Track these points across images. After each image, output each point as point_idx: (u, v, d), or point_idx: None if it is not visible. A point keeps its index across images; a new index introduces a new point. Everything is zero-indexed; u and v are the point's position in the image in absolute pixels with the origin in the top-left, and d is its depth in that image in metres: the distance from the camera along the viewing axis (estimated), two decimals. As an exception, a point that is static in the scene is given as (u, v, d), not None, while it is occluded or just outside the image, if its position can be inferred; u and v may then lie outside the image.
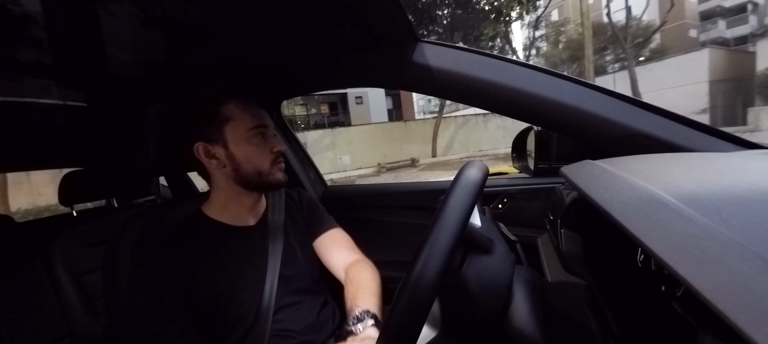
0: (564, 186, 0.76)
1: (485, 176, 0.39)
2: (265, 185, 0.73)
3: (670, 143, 0.55)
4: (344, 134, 12.57)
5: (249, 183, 0.71)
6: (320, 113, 16.50)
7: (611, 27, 14.70)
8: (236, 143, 0.69)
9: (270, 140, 0.73)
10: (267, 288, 0.68)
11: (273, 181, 0.73)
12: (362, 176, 11.01)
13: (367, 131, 12.85)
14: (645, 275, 0.37)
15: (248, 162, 0.70)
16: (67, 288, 0.92)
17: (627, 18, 15.23)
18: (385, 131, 13.11)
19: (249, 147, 0.70)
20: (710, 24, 19.94)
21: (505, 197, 0.98)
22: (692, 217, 0.25)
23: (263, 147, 0.72)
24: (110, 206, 1.38)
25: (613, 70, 17.01)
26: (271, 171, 0.72)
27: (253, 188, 0.73)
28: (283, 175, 0.74)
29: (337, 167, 11.97)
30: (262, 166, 0.71)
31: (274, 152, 0.73)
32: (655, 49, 17.40)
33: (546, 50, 20.80)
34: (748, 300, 0.19)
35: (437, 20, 12.24)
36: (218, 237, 0.69)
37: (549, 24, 21.07)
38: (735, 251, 0.21)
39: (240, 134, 0.69)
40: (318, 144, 12.06)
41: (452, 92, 0.69)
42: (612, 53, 18.56)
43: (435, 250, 0.33)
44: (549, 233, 0.78)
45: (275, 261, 0.71)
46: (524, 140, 1.01)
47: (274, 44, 0.78)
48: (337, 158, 12.11)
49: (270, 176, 0.72)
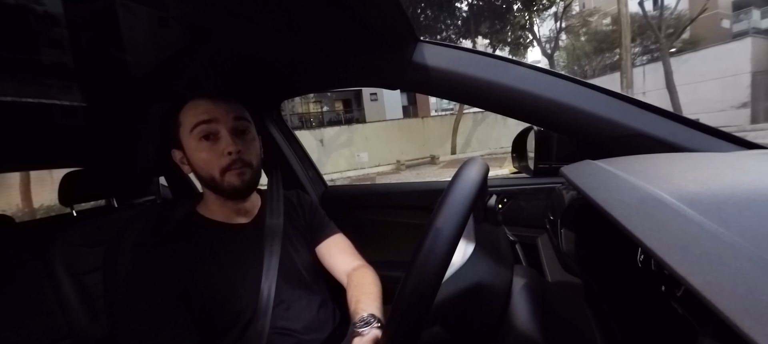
0: (564, 186, 0.76)
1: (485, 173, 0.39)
2: (221, 192, 0.68)
3: (670, 143, 0.55)
4: (361, 130, 12.41)
5: (210, 188, 0.68)
6: (334, 109, 16.35)
7: (644, 16, 13.38)
8: (188, 148, 0.66)
9: (221, 141, 0.65)
10: (265, 287, 0.68)
11: (227, 188, 0.66)
12: (381, 173, 10.84)
13: (384, 128, 12.67)
14: (645, 275, 0.37)
15: (200, 168, 0.66)
16: (67, 288, 0.92)
17: (660, 7, 14.24)
18: (402, 127, 12.91)
19: (198, 152, 0.65)
20: (743, 14, 18.33)
21: (505, 197, 0.98)
22: (692, 217, 0.25)
23: (211, 151, 0.65)
24: (110, 206, 1.38)
25: (641, 62, 15.77)
26: (223, 178, 0.66)
27: (216, 193, 0.69)
28: (239, 181, 0.66)
29: (354, 165, 11.82)
30: (212, 172, 0.66)
31: (225, 155, 0.65)
32: (688, 40, 15.74)
33: (570, 43, 19.61)
34: (748, 300, 0.19)
35: (457, 13, 11.94)
36: (213, 236, 0.69)
37: (575, 14, 20.01)
38: (735, 251, 0.21)
39: (187, 138, 0.66)
40: (334, 141, 11.93)
41: (452, 92, 0.69)
42: (640, 45, 17.09)
43: (438, 241, 0.33)
44: (549, 233, 0.78)
45: (273, 260, 0.71)
46: (524, 140, 1.01)
47: (274, 44, 0.78)
48: (355, 155, 11.95)
49: (224, 182, 0.66)
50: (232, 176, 0.66)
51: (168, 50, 0.85)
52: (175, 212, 0.78)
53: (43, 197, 8.02)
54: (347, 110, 16.36)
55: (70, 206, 1.18)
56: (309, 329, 0.72)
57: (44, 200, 8.02)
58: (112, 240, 0.81)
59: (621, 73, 9.58)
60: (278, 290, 0.70)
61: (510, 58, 0.66)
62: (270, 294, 0.68)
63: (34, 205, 7.63)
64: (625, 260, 0.43)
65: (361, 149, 12.09)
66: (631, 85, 9.29)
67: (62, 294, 0.92)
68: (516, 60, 0.65)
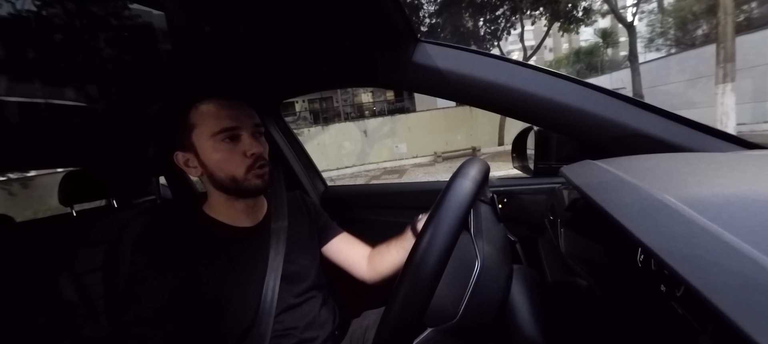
0: (564, 186, 0.76)
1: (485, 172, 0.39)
2: (243, 192, 0.69)
3: (670, 143, 0.55)
4: (404, 121, 12.15)
5: (227, 189, 0.68)
6: (386, 99, 16.16)
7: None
8: (204, 150, 0.66)
9: (243, 143, 0.67)
10: (268, 290, 0.67)
11: (250, 187, 0.68)
12: (418, 165, 10.67)
13: (428, 118, 12.24)
14: (645, 275, 0.37)
15: (219, 169, 0.66)
16: (67, 288, 0.92)
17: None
18: (448, 117, 12.29)
19: (217, 154, 0.66)
20: None
21: (505, 197, 0.98)
22: (692, 217, 0.25)
23: (233, 152, 0.66)
24: (110, 206, 1.38)
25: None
26: (246, 177, 0.67)
27: (233, 194, 0.69)
28: (262, 181, 0.68)
29: (393, 156, 11.71)
30: (235, 172, 0.66)
31: (248, 156, 0.66)
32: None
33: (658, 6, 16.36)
34: (748, 300, 0.19)
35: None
36: (218, 237, 0.69)
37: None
38: (735, 251, 0.21)
39: (205, 140, 0.66)
40: (378, 132, 11.80)
41: (452, 92, 0.69)
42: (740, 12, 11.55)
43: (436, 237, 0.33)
44: (549, 233, 0.78)
45: (277, 262, 0.70)
46: (524, 140, 1.01)
47: (274, 44, 0.78)
48: (394, 146, 11.81)
49: (246, 182, 0.67)
50: (254, 176, 0.68)
51: (168, 51, 0.85)
52: (176, 213, 0.78)
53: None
54: (398, 99, 16.01)
55: (70, 206, 1.18)
56: (310, 327, 0.72)
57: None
58: (112, 240, 0.81)
59: (717, 44, 6.69)
60: (282, 293, 0.69)
61: (510, 58, 0.66)
62: (273, 298, 0.67)
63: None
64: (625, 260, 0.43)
65: (404, 140, 11.90)
66: (731, 58, 6.47)
67: (62, 293, 0.92)
68: (516, 60, 0.65)
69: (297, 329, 0.70)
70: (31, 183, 8.67)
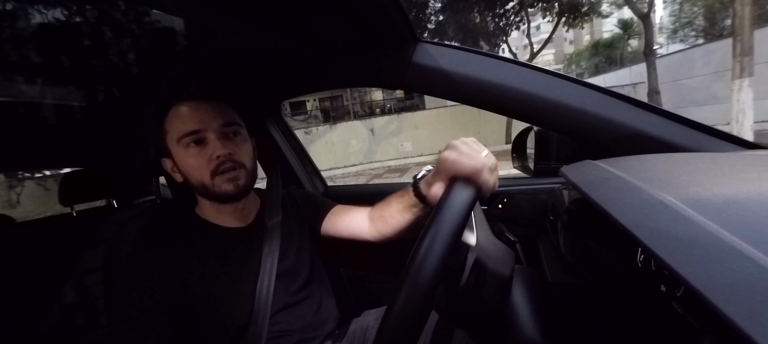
0: (564, 186, 0.76)
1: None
2: (215, 197, 0.66)
3: (670, 143, 0.55)
4: (410, 119, 12.10)
5: (202, 195, 0.67)
6: (396, 97, 16.00)
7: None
8: (177, 156, 0.64)
9: (209, 146, 0.63)
10: (262, 290, 0.67)
11: (220, 192, 0.64)
12: (421, 163, 10.60)
13: (436, 116, 12.14)
14: (645, 275, 0.37)
15: (190, 175, 0.64)
16: (67, 288, 0.92)
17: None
18: (455, 115, 12.10)
19: (186, 158, 0.63)
20: None
21: (505, 197, 0.98)
22: (692, 217, 0.25)
23: (200, 156, 0.63)
24: (110, 206, 1.38)
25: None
26: (213, 182, 0.64)
27: (212, 199, 0.67)
28: (233, 185, 0.64)
29: (399, 154, 11.69)
30: (202, 177, 0.63)
31: (213, 159, 0.62)
32: None
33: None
34: (748, 300, 0.19)
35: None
36: (210, 238, 0.68)
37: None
38: (735, 251, 0.21)
39: (174, 146, 0.64)
40: (384, 130, 11.79)
41: (452, 92, 0.69)
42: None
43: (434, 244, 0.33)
44: (549, 233, 0.78)
45: (271, 261, 0.69)
46: (524, 140, 1.01)
47: (274, 44, 0.78)
48: (399, 145, 11.80)
49: (215, 188, 0.64)
50: (224, 181, 0.64)
51: (168, 51, 0.85)
52: (173, 213, 0.78)
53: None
54: (408, 97, 15.79)
55: (70, 206, 1.18)
56: (309, 327, 0.71)
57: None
58: (112, 240, 0.81)
59: (733, 37, 6.07)
60: (278, 291, 0.69)
61: (510, 58, 0.66)
62: (268, 297, 0.67)
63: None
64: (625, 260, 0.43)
65: (410, 139, 11.86)
66: (748, 51, 5.82)
67: (62, 294, 0.92)
68: (516, 60, 0.65)
69: (295, 330, 0.69)
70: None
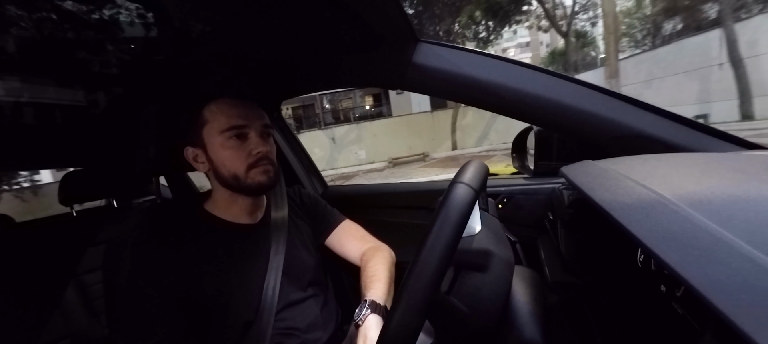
0: (564, 186, 0.76)
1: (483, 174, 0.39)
2: (245, 189, 0.70)
3: (670, 143, 0.55)
4: (369, 127, 12.45)
5: (230, 185, 0.69)
6: (365, 104, 16.23)
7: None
8: (212, 146, 0.68)
9: (250, 141, 0.69)
10: (269, 287, 0.68)
11: (252, 184, 0.69)
12: (372, 171, 10.97)
13: (393, 124, 12.59)
14: (645, 275, 0.37)
15: (223, 166, 0.68)
16: (67, 288, 0.92)
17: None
18: (410, 122, 12.69)
19: (224, 151, 0.67)
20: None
21: (505, 197, 0.98)
22: (692, 217, 0.25)
23: (239, 150, 0.68)
24: (110, 206, 1.38)
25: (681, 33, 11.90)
26: (248, 175, 0.68)
27: (236, 191, 0.70)
28: (265, 177, 0.69)
29: (353, 162, 12.05)
30: (237, 170, 0.68)
31: (253, 155, 0.68)
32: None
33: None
34: (748, 300, 0.19)
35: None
36: (219, 235, 0.70)
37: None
38: (735, 251, 0.21)
39: (214, 136, 0.68)
40: (345, 138, 12.09)
41: (452, 93, 0.69)
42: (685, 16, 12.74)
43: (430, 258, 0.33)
44: (549, 233, 0.78)
45: (278, 259, 0.71)
46: (524, 140, 1.01)
47: (274, 44, 0.78)
48: (354, 153, 12.16)
49: (248, 179, 0.68)
50: (258, 173, 0.69)
51: (168, 51, 0.85)
52: (176, 212, 0.78)
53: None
54: (377, 105, 16.00)
55: (70, 206, 1.18)
56: (313, 327, 0.72)
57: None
58: (112, 240, 0.81)
59: (607, 63, 7.24)
60: (283, 289, 0.70)
61: (510, 58, 0.66)
62: (274, 294, 0.68)
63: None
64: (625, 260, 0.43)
65: (368, 147, 12.21)
66: (615, 74, 7.20)
67: (62, 294, 0.92)
68: (516, 60, 0.65)
69: (299, 329, 0.70)
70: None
